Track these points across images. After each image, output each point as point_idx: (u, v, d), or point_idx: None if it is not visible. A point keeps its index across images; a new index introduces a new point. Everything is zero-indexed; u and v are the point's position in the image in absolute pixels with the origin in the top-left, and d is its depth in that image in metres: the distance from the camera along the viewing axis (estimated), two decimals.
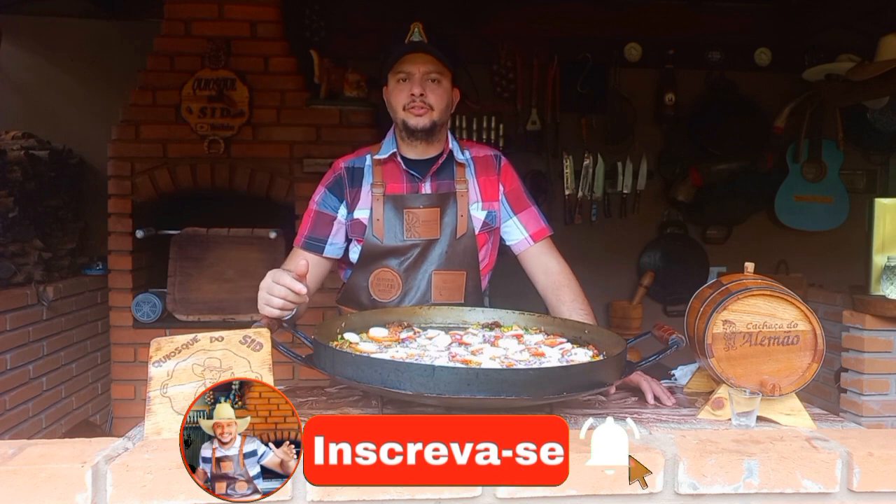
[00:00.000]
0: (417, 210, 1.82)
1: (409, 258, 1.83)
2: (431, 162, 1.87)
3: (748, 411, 1.30)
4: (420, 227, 1.82)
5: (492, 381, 1.14)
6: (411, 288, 1.84)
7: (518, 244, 1.93)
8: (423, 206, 1.83)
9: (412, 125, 1.80)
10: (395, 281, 1.84)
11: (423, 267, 1.84)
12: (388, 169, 1.87)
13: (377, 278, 1.85)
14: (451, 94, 1.86)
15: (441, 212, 1.84)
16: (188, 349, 1.19)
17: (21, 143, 3.53)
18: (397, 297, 1.84)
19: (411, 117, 1.80)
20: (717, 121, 4.30)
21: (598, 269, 4.25)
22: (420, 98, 1.78)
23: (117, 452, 0.98)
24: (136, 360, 3.62)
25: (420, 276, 1.84)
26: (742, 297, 1.40)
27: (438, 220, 1.84)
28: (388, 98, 1.86)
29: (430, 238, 1.83)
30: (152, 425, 1.13)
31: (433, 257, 1.84)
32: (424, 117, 1.79)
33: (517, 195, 1.94)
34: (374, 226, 1.81)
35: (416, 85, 1.78)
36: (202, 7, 3.60)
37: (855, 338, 2.77)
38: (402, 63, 1.80)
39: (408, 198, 1.83)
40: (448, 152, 1.87)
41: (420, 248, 1.83)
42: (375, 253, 1.83)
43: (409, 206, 1.83)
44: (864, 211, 3.84)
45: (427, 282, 1.84)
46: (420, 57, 1.79)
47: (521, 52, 4.21)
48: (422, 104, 1.78)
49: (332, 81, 3.65)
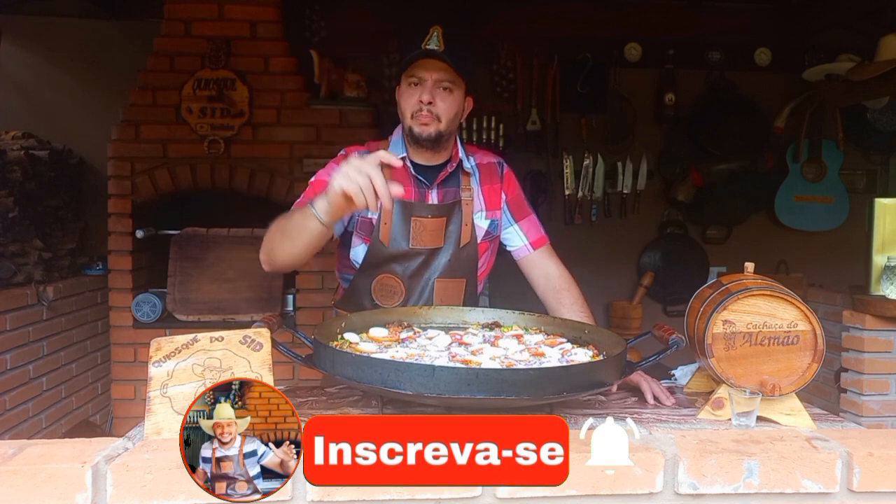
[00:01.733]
0: (424, 219, 1.82)
1: (413, 265, 1.83)
2: (439, 169, 1.86)
3: (748, 411, 1.30)
4: (425, 236, 1.82)
5: (492, 381, 1.14)
6: (413, 294, 1.84)
7: (518, 251, 1.94)
8: (431, 215, 1.82)
9: (417, 133, 1.78)
10: (398, 287, 1.84)
11: (427, 275, 1.84)
12: (396, 172, 1.81)
13: (380, 283, 1.85)
14: (462, 103, 1.82)
15: (446, 221, 1.84)
16: (188, 349, 1.19)
17: (21, 143, 3.53)
18: (399, 303, 1.84)
19: (417, 125, 1.77)
20: (717, 121, 4.30)
21: (598, 269, 4.26)
22: (428, 107, 1.75)
23: (117, 452, 0.98)
24: (136, 360, 3.62)
25: (423, 283, 1.85)
26: (742, 297, 1.40)
27: (443, 230, 1.84)
28: (399, 100, 1.82)
29: (435, 247, 1.84)
30: (152, 425, 1.12)
31: (436, 266, 1.84)
32: (430, 127, 1.77)
33: (518, 203, 1.95)
34: (381, 230, 1.81)
35: (426, 91, 1.75)
36: (202, 7, 3.60)
37: (855, 338, 2.77)
38: (415, 67, 1.76)
39: (416, 206, 1.82)
40: (457, 162, 1.86)
41: (424, 256, 1.83)
42: (380, 257, 1.83)
43: (417, 215, 1.82)
44: (864, 211, 3.84)
45: (430, 289, 1.85)
46: (434, 63, 1.75)
47: (521, 52, 4.21)
48: (429, 113, 1.75)
49: (332, 81, 3.65)
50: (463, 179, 1.88)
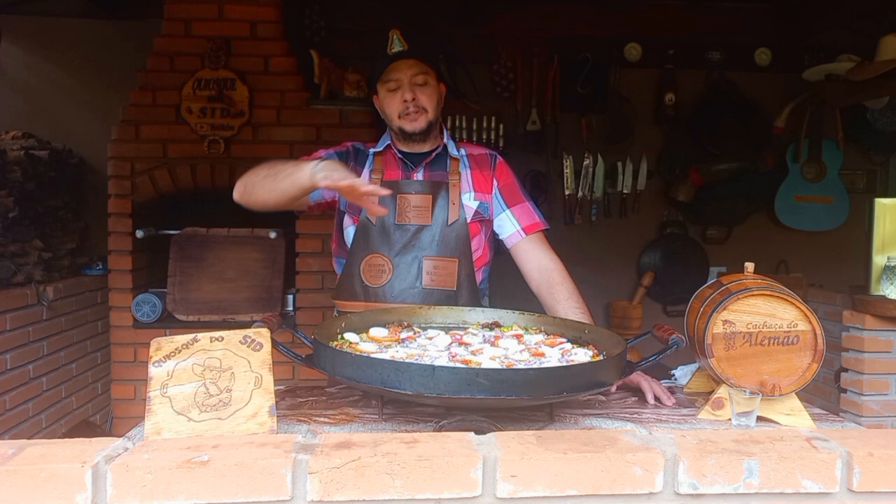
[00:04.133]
0: (409, 195, 1.88)
1: (400, 242, 1.87)
2: (426, 154, 1.94)
3: (748, 411, 1.30)
4: (411, 213, 1.87)
5: (492, 381, 1.14)
6: (402, 272, 1.86)
7: (510, 237, 1.94)
8: (416, 191, 1.88)
9: (410, 130, 1.88)
10: (386, 266, 1.87)
11: (414, 252, 1.87)
12: (385, 159, 1.95)
13: (368, 264, 1.88)
14: (438, 90, 1.92)
15: (433, 199, 1.88)
16: (188, 349, 1.19)
17: (21, 143, 3.53)
18: (388, 281, 1.86)
19: (407, 123, 1.88)
20: (717, 121, 4.30)
21: (598, 269, 4.26)
22: (413, 103, 1.85)
23: (117, 452, 0.98)
24: (136, 360, 3.62)
25: (410, 260, 1.87)
26: (742, 297, 1.40)
27: (430, 207, 1.87)
28: (382, 107, 1.93)
29: (422, 224, 1.87)
30: (152, 425, 1.12)
31: (423, 243, 1.87)
32: (420, 121, 1.87)
33: (511, 190, 1.97)
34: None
35: (406, 91, 1.86)
36: (202, 7, 3.60)
37: (855, 338, 2.77)
38: (388, 72, 1.87)
39: (401, 183, 1.89)
40: (442, 146, 1.94)
41: (411, 232, 1.87)
42: (368, 235, 1.88)
43: (402, 192, 1.88)
44: (864, 211, 3.84)
45: (417, 267, 1.86)
46: (404, 63, 1.85)
47: (521, 52, 4.21)
48: (416, 108, 1.86)
49: (332, 81, 3.65)
50: (451, 163, 1.94)
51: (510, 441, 1.02)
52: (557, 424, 1.37)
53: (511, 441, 1.02)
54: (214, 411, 1.14)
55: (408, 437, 1.03)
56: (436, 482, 0.95)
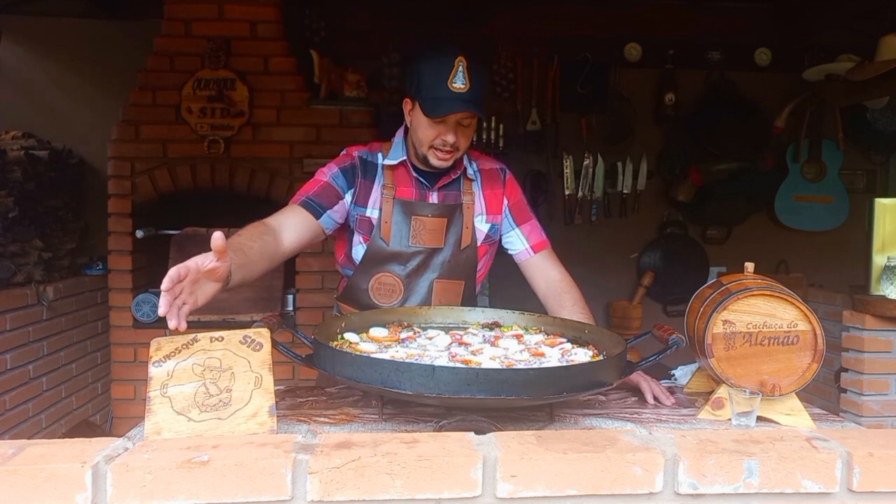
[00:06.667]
0: (425, 218, 1.83)
1: (412, 265, 1.84)
2: (442, 174, 1.86)
3: (748, 411, 1.30)
4: (426, 235, 1.83)
5: (492, 381, 1.14)
6: (412, 294, 1.85)
7: (519, 254, 1.95)
8: (431, 214, 1.83)
9: (435, 165, 1.79)
10: (396, 286, 1.84)
11: (426, 275, 1.85)
12: (398, 173, 1.86)
13: (378, 282, 1.85)
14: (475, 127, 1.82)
15: (447, 222, 1.85)
16: (188, 349, 1.19)
17: (21, 143, 3.54)
18: (397, 302, 1.85)
19: (436, 159, 1.77)
20: (717, 121, 4.30)
21: (598, 269, 4.26)
22: (451, 144, 1.74)
23: (117, 452, 0.98)
24: (136, 360, 3.62)
25: (422, 283, 1.85)
26: (742, 297, 1.40)
27: (444, 230, 1.85)
28: (414, 124, 1.79)
29: (434, 247, 1.84)
30: (152, 425, 1.12)
31: (435, 265, 1.85)
32: (449, 160, 1.78)
33: (520, 207, 1.96)
34: (381, 228, 1.82)
35: (449, 132, 1.73)
36: (202, 7, 3.60)
37: (855, 338, 2.77)
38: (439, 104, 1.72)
39: (417, 204, 1.83)
40: (461, 170, 1.87)
41: (423, 255, 1.84)
42: (380, 256, 1.83)
43: (418, 213, 1.83)
44: (864, 211, 3.85)
45: (428, 289, 1.85)
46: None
47: (521, 52, 4.21)
48: (452, 148, 1.75)
49: (332, 81, 3.65)
50: (465, 184, 1.89)
51: (510, 441, 1.02)
52: (557, 424, 1.37)
53: (511, 441, 1.02)
54: (214, 411, 1.14)
55: (408, 437, 1.03)
56: (436, 482, 0.95)
